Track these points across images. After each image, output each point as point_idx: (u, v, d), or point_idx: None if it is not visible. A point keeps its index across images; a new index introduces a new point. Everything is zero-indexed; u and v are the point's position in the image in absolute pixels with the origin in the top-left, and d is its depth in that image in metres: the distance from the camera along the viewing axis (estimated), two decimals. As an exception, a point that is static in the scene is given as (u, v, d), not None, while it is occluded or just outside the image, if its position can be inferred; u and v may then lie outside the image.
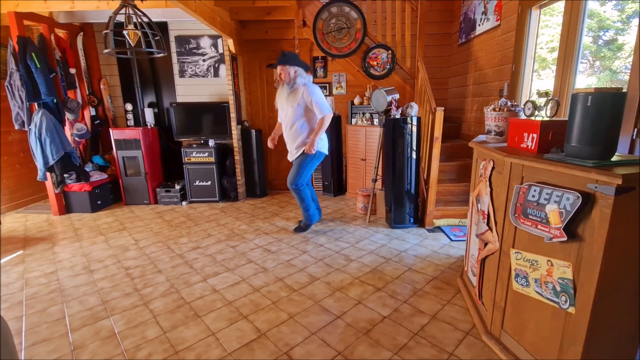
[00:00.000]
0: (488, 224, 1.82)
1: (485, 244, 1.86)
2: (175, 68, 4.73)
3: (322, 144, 3.22)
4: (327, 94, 4.97)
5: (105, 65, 4.76)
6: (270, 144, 3.45)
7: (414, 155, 3.38)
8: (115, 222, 3.94)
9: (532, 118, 1.73)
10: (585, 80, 2.67)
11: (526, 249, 1.52)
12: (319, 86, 4.95)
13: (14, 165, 4.46)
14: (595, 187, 1.21)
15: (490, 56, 3.55)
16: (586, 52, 2.71)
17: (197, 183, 4.56)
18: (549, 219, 1.35)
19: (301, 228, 3.48)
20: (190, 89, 4.80)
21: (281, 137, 3.41)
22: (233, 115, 4.45)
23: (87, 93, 4.57)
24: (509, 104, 2.03)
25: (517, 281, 1.58)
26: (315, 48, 4.59)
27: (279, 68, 3.09)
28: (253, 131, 4.58)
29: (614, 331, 1.35)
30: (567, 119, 1.38)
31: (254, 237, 3.38)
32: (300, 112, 3.11)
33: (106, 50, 2.80)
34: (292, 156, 3.28)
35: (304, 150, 3.14)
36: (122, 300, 2.32)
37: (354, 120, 4.64)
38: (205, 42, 4.64)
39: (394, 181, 3.45)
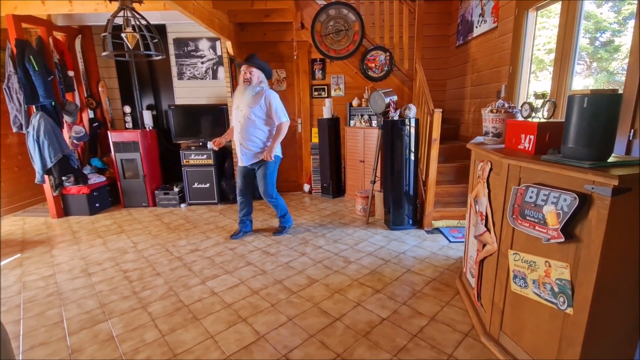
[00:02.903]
0: (486, 225, 1.83)
1: (484, 245, 1.86)
2: (174, 70, 4.74)
3: (280, 149, 3.31)
4: (326, 95, 4.98)
5: (104, 68, 4.76)
6: (214, 146, 3.33)
7: (412, 157, 3.39)
8: (114, 224, 3.93)
9: (529, 119, 1.74)
10: (582, 81, 2.68)
11: (524, 250, 1.53)
12: (317, 87, 4.99)
13: (12, 168, 4.45)
14: (592, 188, 1.21)
15: (487, 58, 3.56)
16: (583, 54, 2.72)
17: (195, 185, 4.56)
18: (547, 220, 1.36)
19: (279, 230, 3.52)
20: (189, 92, 4.80)
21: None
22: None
23: (86, 96, 4.57)
24: (506, 105, 2.04)
25: (515, 282, 1.58)
26: (313, 50, 4.60)
27: (244, 67, 3.09)
28: (252, 133, 4.58)
29: (612, 332, 1.35)
30: (564, 120, 1.39)
31: (253, 239, 3.37)
32: (260, 115, 3.09)
33: (104, 53, 2.80)
34: (246, 161, 3.19)
35: (262, 158, 3.14)
36: (121, 304, 2.31)
37: (352, 122, 4.65)
38: (204, 45, 4.64)
39: (392, 183, 3.45)
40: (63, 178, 4.08)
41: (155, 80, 4.79)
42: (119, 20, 2.74)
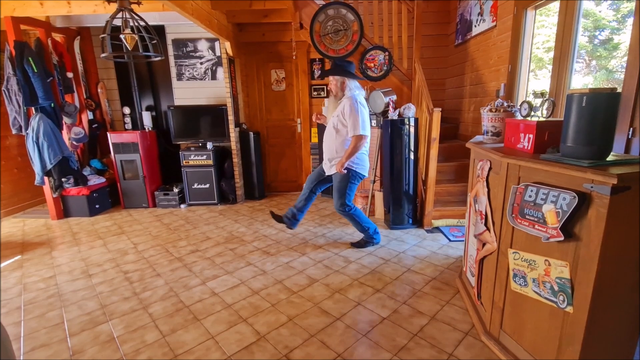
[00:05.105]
0: (486, 224, 1.83)
1: (484, 244, 1.86)
2: (173, 71, 4.73)
3: (360, 165, 2.88)
4: (325, 95, 4.97)
5: (103, 69, 4.75)
6: (314, 118, 3.17)
7: (411, 156, 3.39)
8: (114, 226, 3.93)
9: (529, 118, 1.74)
10: (581, 79, 2.68)
11: (524, 249, 1.53)
12: (316, 87, 4.98)
13: (12, 170, 4.45)
14: (591, 187, 1.21)
15: (486, 57, 3.56)
16: (582, 52, 2.72)
17: (195, 186, 4.56)
18: (546, 219, 1.36)
19: (360, 244, 3.14)
20: (188, 92, 4.80)
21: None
22: (231, 118, 4.45)
23: (85, 97, 4.56)
24: (505, 104, 2.04)
25: (515, 281, 1.58)
26: (312, 50, 4.60)
27: (330, 78, 2.87)
28: (251, 133, 4.59)
29: (611, 330, 1.35)
30: (563, 119, 1.39)
31: (253, 240, 3.37)
32: (337, 125, 2.82)
33: (103, 55, 2.80)
34: (327, 170, 3.00)
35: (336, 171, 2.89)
36: (121, 305, 2.31)
37: (351, 122, 4.64)
38: (203, 45, 4.64)
39: (392, 182, 3.45)
40: (63, 179, 4.08)
41: (155, 81, 4.79)
42: (117, 22, 2.74)
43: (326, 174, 3.02)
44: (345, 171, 2.83)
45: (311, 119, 4.99)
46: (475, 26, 3.80)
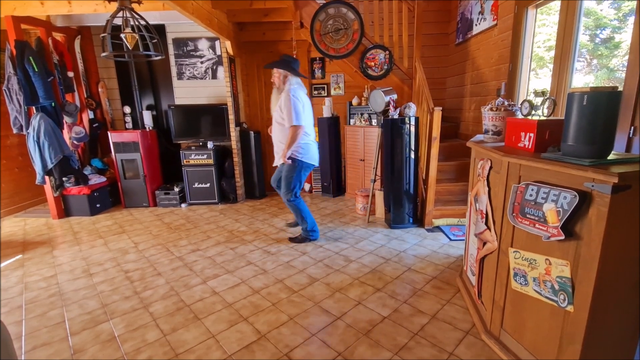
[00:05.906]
0: (486, 223, 1.83)
1: (484, 243, 1.86)
2: (173, 70, 4.73)
3: (307, 155, 3.05)
4: (326, 94, 4.97)
5: (103, 69, 4.76)
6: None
7: (412, 155, 3.39)
8: (115, 225, 3.94)
9: (529, 117, 1.73)
10: (582, 78, 2.68)
11: (524, 247, 1.53)
12: (317, 86, 4.97)
13: (13, 169, 4.45)
14: (592, 186, 1.21)
15: (487, 56, 3.56)
16: (583, 51, 2.72)
17: (196, 185, 4.56)
18: (547, 218, 1.36)
19: (297, 239, 3.26)
20: (189, 91, 4.80)
21: None
22: (231, 117, 4.45)
23: (85, 96, 4.57)
24: (506, 103, 2.03)
25: (515, 280, 1.58)
26: (313, 49, 4.59)
27: (274, 70, 3.04)
28: (252, 133, 4.59)
29: (612, 329, 1.35)
30: (563, 118, 1.38)
31: (254, 239, 3.38)
32: (278, 119, 3.02)
33: (104, 54, 2.80)
34: (276, 161, 3.17)
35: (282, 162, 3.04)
36: (122, 304, 2.32)
37: (352, 121, 4.65)
38: (203, 45, 4.64)
39: (392, 181, 3.45)
40: (64, 179, 4.08)
41: (155, 81, 4.79)
42: (118, 21, 2.73)
43: (274, 164, 3.19)
44: (290, 161, 2.98)
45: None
46: (475, 25, 3.79)
